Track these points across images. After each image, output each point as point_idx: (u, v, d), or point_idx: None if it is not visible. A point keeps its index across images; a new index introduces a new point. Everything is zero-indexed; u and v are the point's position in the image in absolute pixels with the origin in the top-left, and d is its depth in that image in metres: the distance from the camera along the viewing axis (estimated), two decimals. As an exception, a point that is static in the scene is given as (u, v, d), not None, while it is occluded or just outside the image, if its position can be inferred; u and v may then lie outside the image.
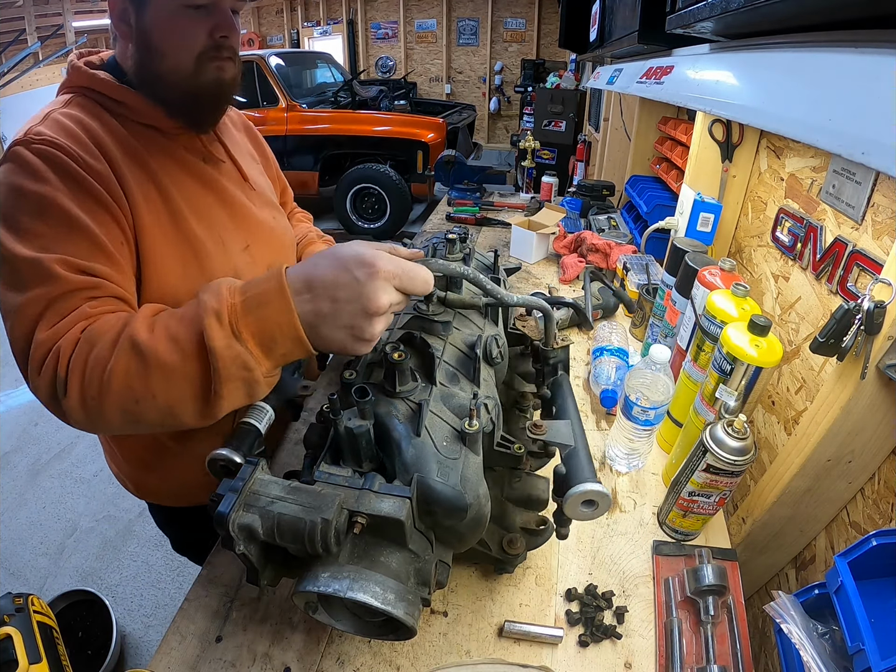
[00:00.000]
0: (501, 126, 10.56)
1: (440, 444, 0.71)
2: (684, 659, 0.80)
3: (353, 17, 10.54)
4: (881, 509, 0.95)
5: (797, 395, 1.20)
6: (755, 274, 1.49)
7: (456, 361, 0.86)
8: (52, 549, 2.61)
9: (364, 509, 0.63)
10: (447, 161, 3.01)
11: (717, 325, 1.00)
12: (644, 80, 1.90)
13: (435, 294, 0.89)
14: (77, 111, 0.89)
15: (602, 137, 3.85)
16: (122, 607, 2.33)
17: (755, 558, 1.17)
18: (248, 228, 1.07)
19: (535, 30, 9.59)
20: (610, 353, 1.36)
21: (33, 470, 3.09)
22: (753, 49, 1.16)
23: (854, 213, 1.06)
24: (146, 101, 0.92)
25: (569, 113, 5.96)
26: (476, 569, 0.93)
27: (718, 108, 1.21)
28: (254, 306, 0.69)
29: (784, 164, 1.40)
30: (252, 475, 0.66)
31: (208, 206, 1.00)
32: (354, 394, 0.70)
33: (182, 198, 0.95)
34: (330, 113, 6.24)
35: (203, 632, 0.84)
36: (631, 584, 0.93)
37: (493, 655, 0.82)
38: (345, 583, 0.62)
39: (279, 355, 0.71)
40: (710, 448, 0.86)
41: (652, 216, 2.15)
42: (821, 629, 0.72)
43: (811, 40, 0.95)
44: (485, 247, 2.41)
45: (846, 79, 0.79)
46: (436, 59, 10.38)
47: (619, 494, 1.09)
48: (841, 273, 1.07)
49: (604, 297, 1.70)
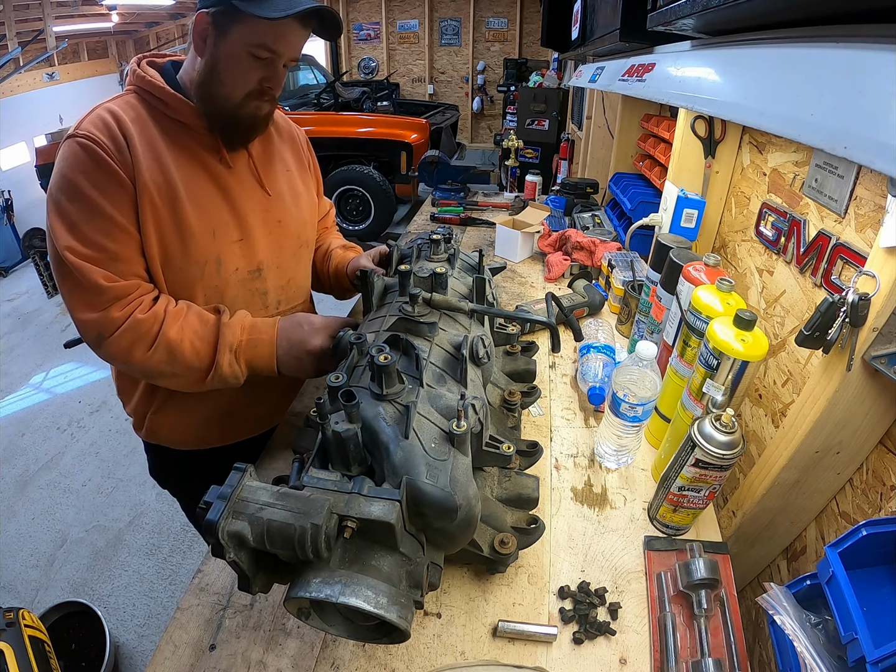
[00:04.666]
0: (485, 126, 10.54)
1: (428, 445, 0.71)
2: (679, 653, 0.80)
3: (334, 18, 10.49)
4: (870, 499, 0.96)
5: (784, 387, 1.21)
6: (740, 269, 1.50)
7: (442, 362, 0.86)
8: (43, 560, 2.59)
9: (354, 513, 0.63)
10: (431, 161, 3.01)
11: (703, 321, 1.01)
12: (626, 78, 1.90)
13: (420, 295, 0.88)
14: (118, 106, 1.08)
15: (585, 135, 3.85)
16: (115, 618, 2.32)
17: (746, 551, 1.18)
18: (245, 226, 1.20)
19: (517, 29, 9.58)
20: (597, 350, 1.37)
21: (21, 481, 3.06)
22: (734, 45, 1.17)
23: (837, 206, 1.07)
24: (184, 101, 1.10)
25: (552, 112, 5.96)
26: (468, 569, 0.93)
27: (700, 105, 1.22)
28: (252, 346, 1.11)
29: (766, 160, 1.41)
30: (240, 482, 0.65)
31: (210, 198, 1.14)
32: (341, 397, 0.70)
33: (185, 187, 1.10)
34: (313, 115, 6.23)
35: (196, 640, 0.83)
36: (623, 580, 0.93)
37: (488, 656, 0.82)
38: (336, 588, 0.62)
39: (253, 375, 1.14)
40: (698, 443, 0.86)
41: (636, 213, 2.16)
42: (814, 619, 0.72)
43: (792, 36, 0.96)
44: (469, 247, 2.41)
45: (827, 74, 0.80)
46: (418, 60, 10.35)
47: (609, 491, 1.09)
48: (825, 266, 1.08)
49: (589, 294, 1.70)
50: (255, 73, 1.08)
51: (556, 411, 1.31)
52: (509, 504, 0.90)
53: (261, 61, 1.06)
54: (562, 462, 1.15)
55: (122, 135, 1.04)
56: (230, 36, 1.03)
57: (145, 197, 1.05)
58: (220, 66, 1.06)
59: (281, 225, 1.28)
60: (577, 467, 1.14)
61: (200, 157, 1.14)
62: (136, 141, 1.05)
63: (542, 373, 1.44)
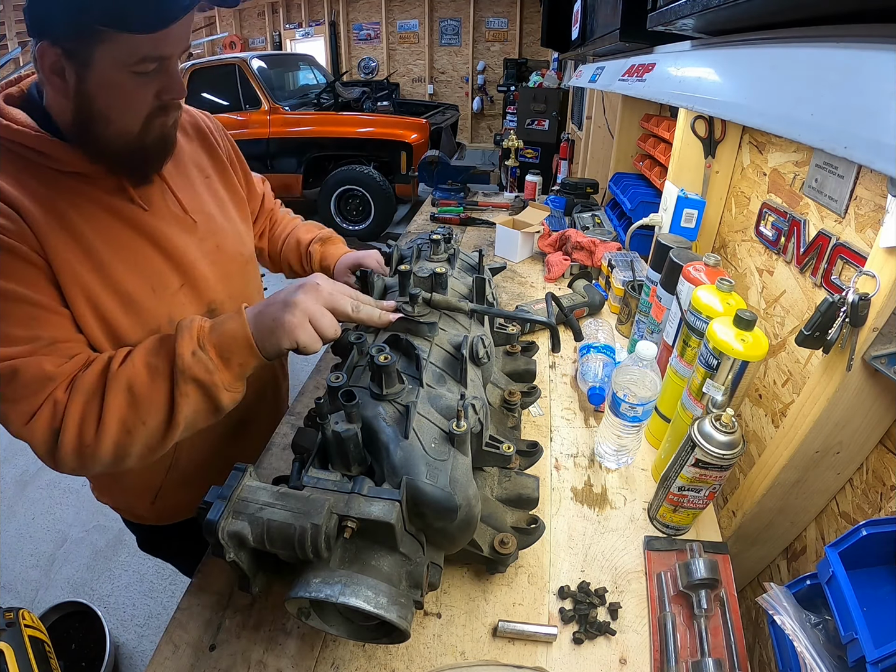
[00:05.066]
0: (485, 126, 10.55)
1: (428, 445, 0.71)
2: (679, 653, 0.80)
3: (334, 18, 10.50)
4: (870, 499, 0.96)
5: (784, 387, 1.21)
6: (740, 268, 1.50)
7: (442, 362, 0.86)
8: (43, 560, 2.58)
9: (354, 513, 0.63)
10: (431, 161, 3.01)
11: (703, 321, 1.01)
12: (626, 78, 1.90)
13: (420, 295, 0.88)
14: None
15: (585, 135, 3.85)
16: (115, 618, 2.31)
17: (746, 551, 1.18)
18: (182, 269, 1.02)
19: (517, 29, 9.59)
20: (597, 350, 1.37)
21: (21, 481, 3.05)
22: (734, 45, 1.17)
23: (837, 206, 1.07)
24: (67, 148, 0.86)
25: (552, 111, 5.95)
26: (468, 569, 0.93)
27: (700, 105, 1.21)
28: (217, 326, 0.86)
29: (766, 160, 1.40)
30: (240, 482, 0.66)
31: (138, 250, 0.96)
32: (341, 397, 0.70)
33: (108, 248, 0.91)
34: (313, 115, 6.22)
35: (196, 640, 0.83)
36: (623, 579, 0.93)
37: (488, 656, 0.82)
38: (336, 588, 0.62)
39: (237, 365, 0.86)
40: (698, 443, 0.86)
41: (636, 213, 2.16)
42: (814, 619, 0.72)
43: (792, 36, 0.96)
44: (469, 247, 2.41)
45: (827, 74, 0.80)
46: (418, 60, 10.36)
47: (609, 491, 1.09)
48: (825, 266, 1.08)
49: (589, 294, 1.70)
50: (146, 92, 0.84)
51: (556, 411, 1.31)
52: (509, 504, 0.90)
53: (148, 75, 0.82)
54: (562, 462, 1.15)
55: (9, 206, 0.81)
56: (96, 63, 0.78)
57: (65, 273, 0.85)
58: (99, 103, 0.82)
59: (220, 249, 1.10)
60: (577, 467, 1.14)
61: (108, 205, 0.92)
62: (28, 209, 0.82)
63: (541, 373, 1.44)
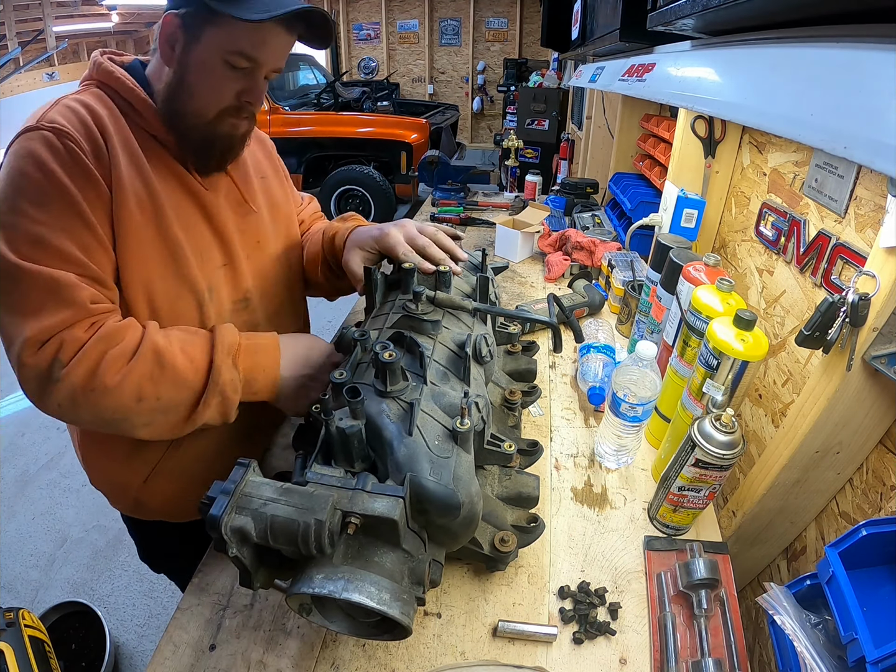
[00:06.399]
0: (485, 126, 10.55)
1: (432, 443, 0.71)
2: (679, 653, 0.80)
3: (334, 18, 10.50)
4: (870, 499, 0.96)
5: (784, 387, 1.21)
6: (740, 268, 1.50)
7: (446, 360, 0.86)
8: (43, 560, 2.58)
9: (357, 509, 0.63)
10: (431, 161, 3.01)
11: (703, 321, 1.01)
12: (626, 78, 1.91)
13: (424, 293, 0.89)
14: (90, 99, 0.92)
15: (585, 135, 3.85)
16: (115, 618, 2.31)
17: (746, 551, 1.18)
18: (227, 249, 1.06)
19: (517, 29, 9.59)
20: (597, 350, 1.37)
21: (21, 481, 3.05)
22: (734, 45, 1.17)
23: (837, 206, 1.07)
24: (154, 110, 0.94)
25: (552, 111, 5.96)
26: (468, 569, 0.93)
27: (700, 105, 1.22)
28: (252, 352, 0.95)
29: (766, 160, 1.41)
30: (244, 477, 0.66)
31: (193, 219, 1.00)
32: (346, 394, 0.70)
33: (169, 205, 0.95)
34: (313, 115, 6.23)
35: (196, 640, 0.83)
36: (623, 579, 0.93)
37: (488, 656, 0.82)
38: (339, 584, 0.62)
39: (249, 393, 0.95)
40: (698, 443, 0.86)
41: (636, 213, 2.16)
42: (814, 619, 0.72)
43: (792, 36, 0.96)
44: (469, 247, 2.40)
45: (827, 74, 0.80)
46: (418, 60, 10.36)
47: (609, 491, 1.09)
48: (825, 266, 1.08)
49: (589, 294, 1.70)
50: (231, 86, 0.93)
51: (556, 411, 1.31)
52: (510, 502, 0.90)
53: (238, 71, 0.91)
54: (562, 462, 1.16)
55: (99, 132, 0.88)
56: (203, 41, 0.88)
57: (124, 210, 0.88)
58: (191, 76, 0.91)
59: (259, 246, 1.14)
60: (577, 467, 1.15)
61: (175, 171, 0.98)
62: (114, 141, 0.89)
63: (542, 372, 1.44)
